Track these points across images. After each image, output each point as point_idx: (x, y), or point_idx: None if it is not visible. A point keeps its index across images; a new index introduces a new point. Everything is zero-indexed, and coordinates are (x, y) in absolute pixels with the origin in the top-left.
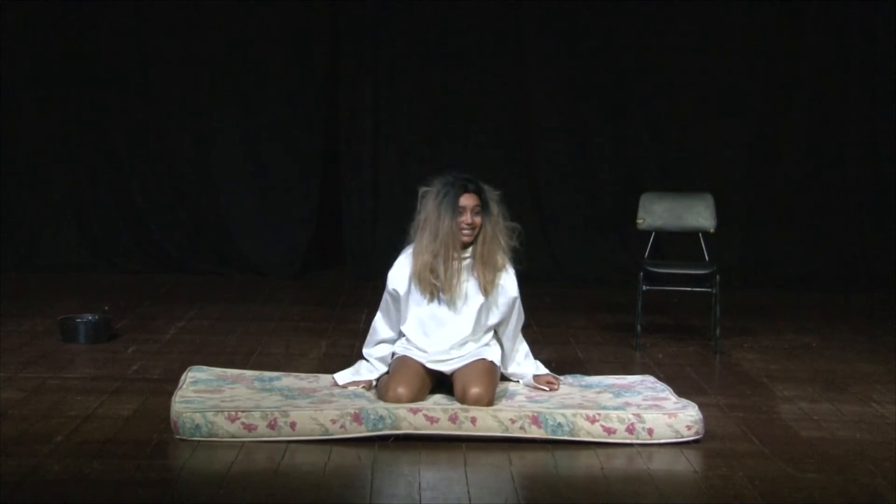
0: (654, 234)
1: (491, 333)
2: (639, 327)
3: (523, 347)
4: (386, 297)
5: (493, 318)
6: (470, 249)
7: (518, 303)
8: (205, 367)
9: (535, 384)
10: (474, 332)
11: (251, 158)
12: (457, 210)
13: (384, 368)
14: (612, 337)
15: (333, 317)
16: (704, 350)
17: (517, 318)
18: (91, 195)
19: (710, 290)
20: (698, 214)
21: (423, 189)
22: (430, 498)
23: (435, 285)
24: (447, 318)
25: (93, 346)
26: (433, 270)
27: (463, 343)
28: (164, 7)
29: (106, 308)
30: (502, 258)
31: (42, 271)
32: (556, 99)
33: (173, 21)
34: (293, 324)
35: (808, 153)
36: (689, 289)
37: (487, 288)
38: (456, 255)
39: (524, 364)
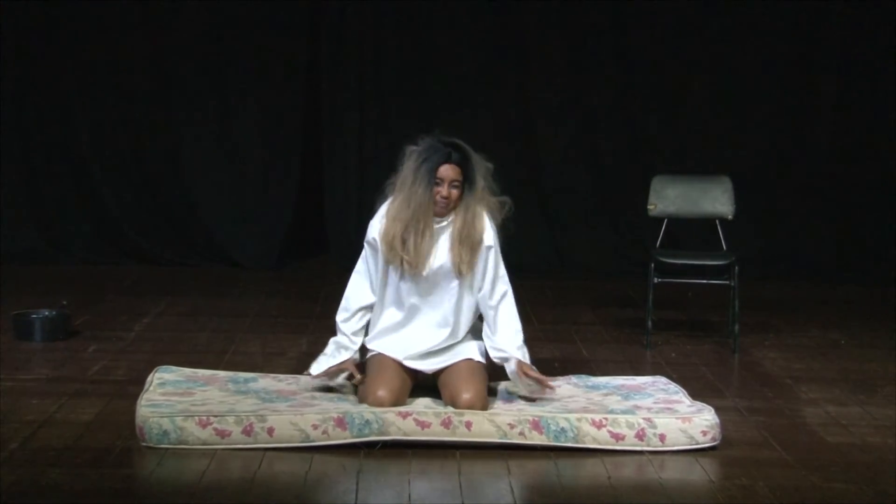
0: (666, 220)
1: (471, 324)
2: (649, 323)
3: (514, 323)
4: (365, 250)
5: (474, 297)
6: (445, 221)
7: (494, 255)
8: (173, 368)
9: (520, 375)
10: (454, 321)
11: (224, 137)
12: (433, 180)
13: (359, 342)
14: (621, 334)
15: (314, 312)
16: (721, 348)
17: (494, 272)
18: (47, 178)
19: (727, 282)
20: (715, 199)
21: (409, 148)
22: None
23: (403, 258)
24: (422, 303)
25: (50, 344)
26: (404, 242)
27: (442, 340)
28: None
29: (64, 302)
30: (484, 233)
31: None
32: (559, 72)
33: None
34: (270, 319)
35: (835, 132)
36: (704, 281)
37: (462, 269)
38: (428, 228)
39: (509, 340)
